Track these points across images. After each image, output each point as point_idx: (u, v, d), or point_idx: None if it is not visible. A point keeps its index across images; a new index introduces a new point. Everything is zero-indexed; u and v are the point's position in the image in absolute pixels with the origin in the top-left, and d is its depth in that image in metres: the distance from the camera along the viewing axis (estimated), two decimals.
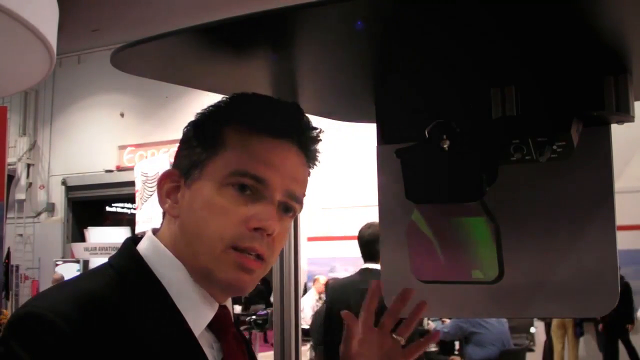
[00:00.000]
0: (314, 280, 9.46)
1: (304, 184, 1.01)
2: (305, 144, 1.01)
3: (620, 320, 8.51)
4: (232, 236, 0.93)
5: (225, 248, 0.93)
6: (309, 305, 8.92)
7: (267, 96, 1.03)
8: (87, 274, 1.02)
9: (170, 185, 0.99)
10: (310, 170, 1.04)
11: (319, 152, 1.04)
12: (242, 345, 1.01)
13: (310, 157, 1.02)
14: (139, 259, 0.97)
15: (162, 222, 1.01)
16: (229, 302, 1.02)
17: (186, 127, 1.02)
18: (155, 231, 1.01)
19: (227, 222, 0.93)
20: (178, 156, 1.01)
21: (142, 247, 0.99)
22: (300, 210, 1.01)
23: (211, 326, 0.97)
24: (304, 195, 1.01)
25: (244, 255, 0.94)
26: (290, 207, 0.98)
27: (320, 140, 1.04)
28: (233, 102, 1.02)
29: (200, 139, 0.98)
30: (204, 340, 0.96)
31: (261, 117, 0.98)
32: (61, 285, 0.96)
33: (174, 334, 0.92)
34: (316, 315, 6.99)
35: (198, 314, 0.95)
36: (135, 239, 1.01)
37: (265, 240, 0.95)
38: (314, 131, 1.03)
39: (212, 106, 1.02)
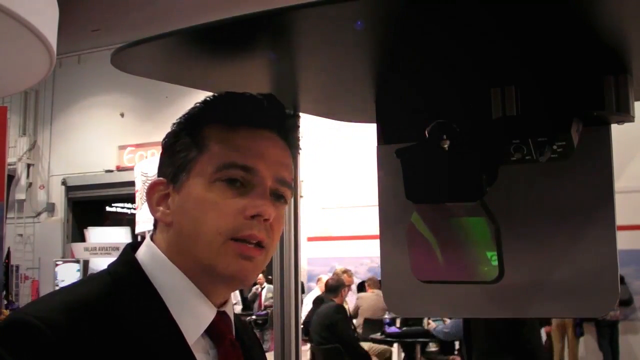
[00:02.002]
0: (318, 280, 9.45)
1: (290, 168, 1.02)
2: (285, 131, 1.02)
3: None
4: (229, 228, 0.93)
5: (225, 241, 0.93)
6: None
7: (242, 92, 1.03)
8: (85, 280, 1.02)
9: (160, 194, 0.99)
10: (293, 158, 1.04)
11: (299, 138, 1.04)
12: (238, 351, 1.00)
13: (291, 144, 1.03)
14: (136, 266, 0.97)
15: (155, 230, 1.01)
16: (229, 308, 1.02)
17: (165, 138, 1.02)
18: (152, 237, 1.01)
19: (222, 215, 0.93)
20: (162, 165, 1.01)
21: (140, 253, 0.99)
22: (291, 196, 1.02)
23: (209, 332, 0.97)
24: (292, 180, 1.02)
25: (243, 244, 0.94)
26: (281, 193, 0.99)
27: (299, 126, 1.04)
28: (208, 104, 1.02)
29: (182, 143, 0.98)
30: (200, 347, 0.95)
31: (238, 111, 0.99)
32: (56, 291, 0.97)
33: (166, 341, 0.91)
34: (316, 316, 6.96)
35: (194, 320, 0.95)
36: (134, 245, 1.01)
37: (263, 226, 0.95)
38: (292, 118, 1.03)
39: (187, 112, 1.02)
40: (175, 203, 0.97)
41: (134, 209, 8.12)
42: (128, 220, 13.67)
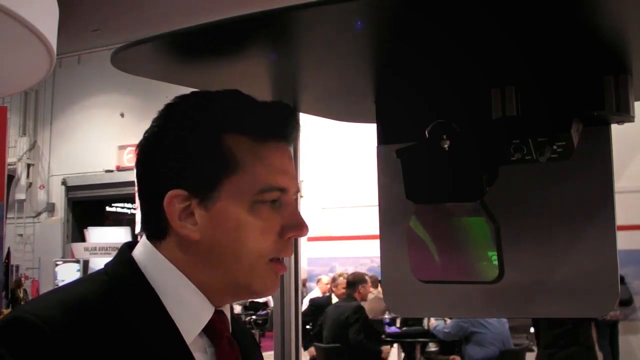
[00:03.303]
0: (318, 280, 9.44)
1: None
2: (294, 139, 1.02)
3: None
4: (270, 250, 0.95)
5: (266, 262, 0.95)
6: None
7: (255, 99, 0.98)
8: (82, 279, 1.02)
9: (181, 206, 0.94)
10: None
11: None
12: (235, 349, 1.00)
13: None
14: (132, 265, 0.96)
15: (161, 237, 0.96)
16: (226, 307, 1.02)
17: (166, 138, 0.95)
18: (149, 236, 0.99)
19: (264, 237, 0.95)
20: (170, 168, 0.94)
21: (136, 252, 0.98)
22: None
23: (206, 331, 0.97)
24: None
25: (280, 264, 0.97)
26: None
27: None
28: (227, 110, 0.96)
29: (201, 152, 0.94)
30: (197, 346, 0.95)
31: (267, 124, 0.96)
32: (54, 290, 0.97)
33: (164, 339, 0.91)
34: (333, 312, 6.85)
35: (192, 319, 0.95)
36: (131, 244, 1.00)
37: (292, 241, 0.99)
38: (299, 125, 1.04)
39: (198, 115, 0.96)
40: (203, 220, 0.93)
41: (134, 209, 8.12)
42: (128, 220, 13.66)
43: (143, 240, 0.99)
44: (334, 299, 7.53)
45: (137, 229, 7.58)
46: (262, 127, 0.96)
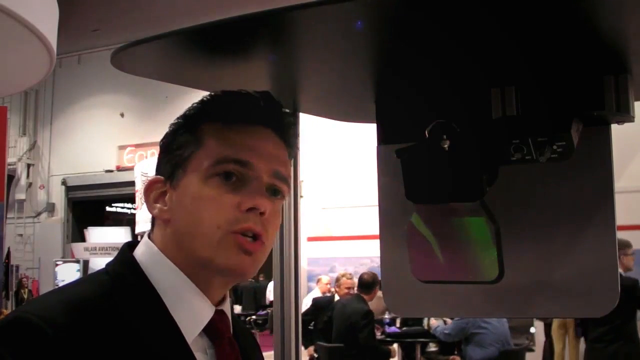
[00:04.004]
0: (318, 280, 9.44)
1: (287, 164, 1.02)
2: (282, 129, 1.02)
3: None
4: (227, 221, 0.93)
5: (224, 234, 0.94)
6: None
7: (238, 90, 1.03)
8: (83, 279, 1.02)
9: (157, 192, 0.99)
10: (291, 157, 1.04)
11: (296, 135, 1.05)
12: (236, 350, 1.00)
13: (288, 142, 1.03)
14: (133, 265, 0.96)
15: (153, 228, 1.01)
16: (227, 307, 1.02)
17: (162, 139, 1.03)
18: (149, 235, 1.01)
19: (220, 210, 0.94)
20: (159, 164, 1.02)
21: (137, 252, 0.99)
22: (288, 192, 1.02)
23: (207, 331, 0.97)
24: (290, 176, 1.02)
25: (243, 237, 0.94)
26: (278, 188, 0.99)
27: (295, 124, 1.06)
28: (205, 102, 1.02)
29: (179, 142, 0.99)
30: (198, 346, 0.95)
31: (234, 108, 1.00)
32: (55, 290, 0.97)
33: (166, 339, 0.91)
34: (340, 314, 6.79)
35: (193, 319, 0.95)
36: (132, 244, 1.01)
37: (259, 219, 0.95)
38: (288, 116, 1.03)
39: (185, 112, 1.03)
40: (172, 200, 0.97)
41: (134, 209, 8.12)
42: (128, 220, 13.66)
43: (144, 240, 1.00)
44: (337, 298, 7.50)
45: (137, 229, 7.57)
46: (230, 111, 0.99)
